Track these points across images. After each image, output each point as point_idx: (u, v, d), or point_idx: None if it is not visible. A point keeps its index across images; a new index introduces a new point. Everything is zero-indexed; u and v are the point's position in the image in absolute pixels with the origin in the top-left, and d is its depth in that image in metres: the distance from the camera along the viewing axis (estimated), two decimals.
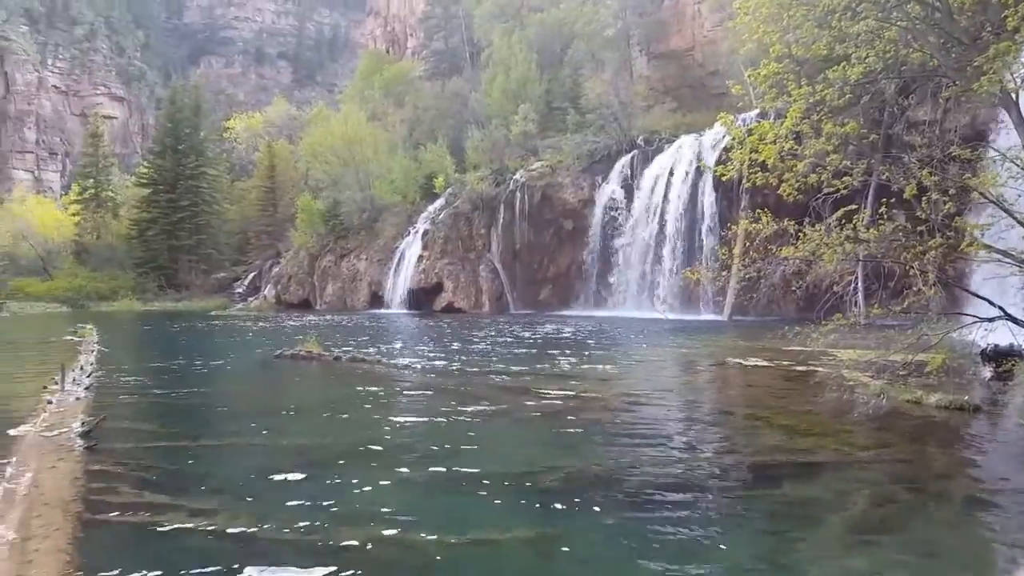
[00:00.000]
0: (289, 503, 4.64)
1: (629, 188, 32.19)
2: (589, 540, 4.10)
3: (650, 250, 30.06)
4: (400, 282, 36.18)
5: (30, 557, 3.55)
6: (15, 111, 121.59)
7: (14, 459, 5.65)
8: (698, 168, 28.56)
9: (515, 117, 40.02)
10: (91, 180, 57.98)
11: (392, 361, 13.02)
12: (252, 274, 49.70)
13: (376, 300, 37.47)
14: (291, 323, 26.60)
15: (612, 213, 32.19)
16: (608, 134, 35.56)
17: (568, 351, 14.89)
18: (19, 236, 52.54)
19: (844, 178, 8.27)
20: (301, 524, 4.20)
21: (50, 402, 8.22)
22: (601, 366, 12.22)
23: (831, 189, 8.37)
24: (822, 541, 4.16)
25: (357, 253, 39.73)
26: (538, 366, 12.40)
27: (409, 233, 37.52)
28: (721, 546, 3.98)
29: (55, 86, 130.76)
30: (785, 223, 8.18)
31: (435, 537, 4.04)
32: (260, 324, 26.79)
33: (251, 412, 8.85)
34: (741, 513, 4.59)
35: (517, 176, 35.59)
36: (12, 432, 6.80)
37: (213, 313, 36.26)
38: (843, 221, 8.01)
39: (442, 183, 37.83)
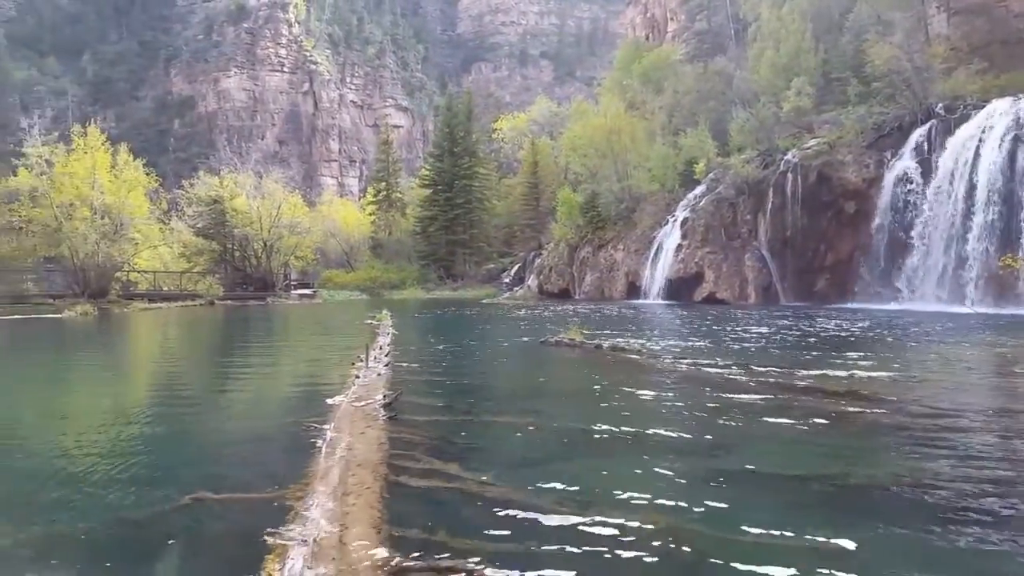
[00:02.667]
0: (559, 483, 4.80)
1: (926, 163, 28.23)
2: (881, 552, 3.67)
3: (954, 234, 26.09)
4: (658, 272, 35.82)
5: (348, 509, 4.07)
6: (322, 125, 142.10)
7: (332, 424, 6.54)
8: (1016, 137, 24.21)
9: (786, 93, 37.38)
10: (383, 183, 65.71)
11: (652, 351, 12.91)
12: (517, 265, 52.66)
13: (633, 290, 37.53)
14: (552, 312, 27.68)
15: (904, 193, 28.52)
16: (899, 104, 31.63)
17: (851, 348, 13.53)
18: (328, 234, 61.27)
19: None
20: (571, 503, 4.33)
21: (357, 377, 9.38)
22: (894, 366, 10.91)
23: None
24: None
25: (614, 243, 40.11)
26: (815, 363, 11.42)
27: (667, 222, 36.96)
28: None
29: (352, 101, 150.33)
30: None
31: (702, 532, 3.90)
32: (524, 312, 28.26)
33: (521, 394, 9.38)
34: None
35: (788, 156, 33.20)
36: (329, 401, 7.93)
37: (484, 301, 39.06)
38: None
39: (703, 168, 36.65)
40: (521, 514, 4.19)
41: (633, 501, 4.43)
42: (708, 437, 6.27)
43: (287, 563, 3.30)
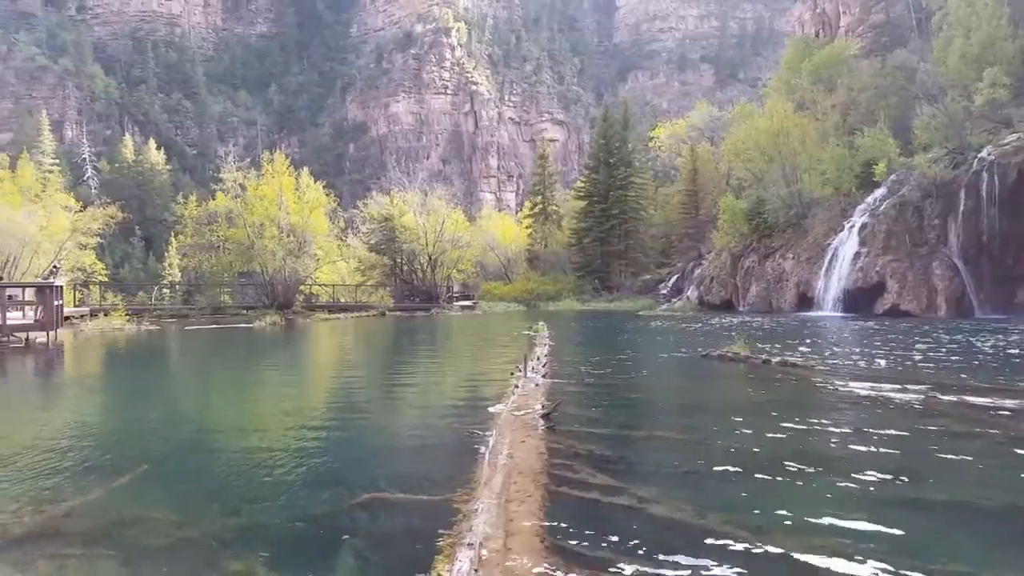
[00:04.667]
0: (725, 501, 4.60)
1: None
2: None
3: None
4: (832, 282, 33.43)
5: (511, 516, 4.15)
6: (482, 143, 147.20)
7: (493, 432, 6.71)
8: None
9: (978, 85, 33.68)
10: (539, 197, 66.74)
11: (827, 367, 12.06)
12: (675, 276, 51.36)
13: (804, 301, 35.27)
14: (714, 324, 26.70)
15: None
16: None
17: None
18: (487, 248, 63.12)
19: None
20: (741, 524, 4.13)
21: (516, 386, 9.57)
22: None
23: None
24: None
25: (783, 252, 37.97)
26: (1020, 384, 10.15)
27: (843, 228, 34.42)
28: None
29: (510, 118, 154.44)
30: None
31: (893, 564, 3.57)
32: (684, 324, 27.49)
33: (682, 409, 9.12)
34: None
35: (983, 154, 29.83)
36: (490, 409, 8.16)
37: (641, 313, 38.43)
38: None
39: (883, 170, 33.82)
40: (686, 533, 4.07)
41: (810, 527, 4.16)
42: (891, 462, 5.74)
43: (455, 564, 3.42)
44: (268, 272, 40.08)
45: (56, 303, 21.14)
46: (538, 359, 12.84)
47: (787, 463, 5.69)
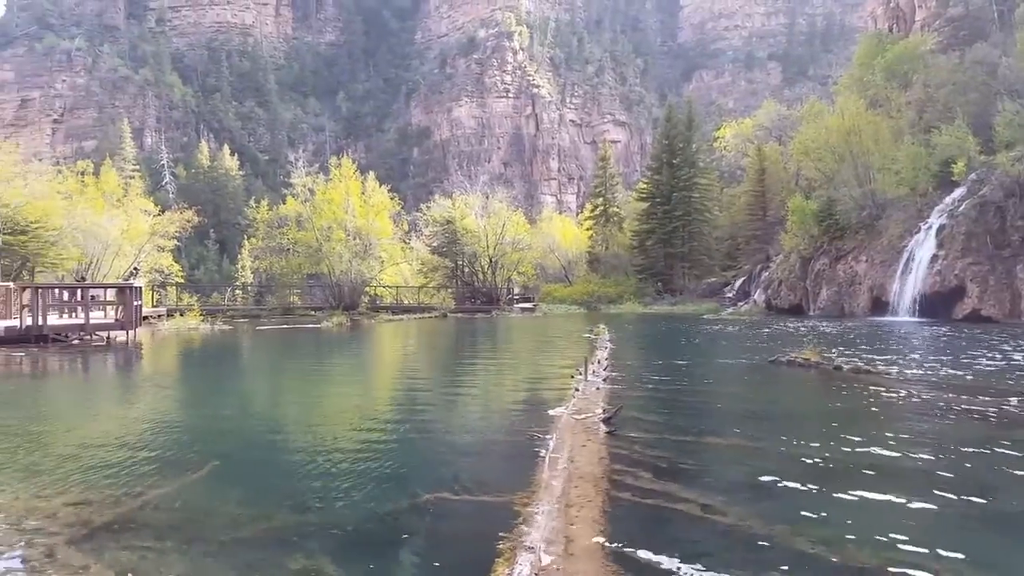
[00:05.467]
0: (793, 512, 4.45)
1: None
2: None
3: None
4: (908, 286, 32.07)
5: (572, 521, 4.11)
6: (543, 146, 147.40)
7: (554, 436, 6.68)
8: None
9: None
10: (600, 198, 66.20)
11: (902, 375, 11.55)
12: (742, 279, 50.20)
13: (878, 306, 33.93)
14: (782, 328, 25.96)
15: None
16: None
17: None
18: (547, 250, 63.01)
19: None
20: (809, 535, 3.99)
21: (576, 390, 9.51)
22: None
23: None
24: None
25: (855, 254, 36.63)
26: None
27: (919, 229, 32.98)
28: None
29: (571, 120, 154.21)
30: None
31: None
32: (750, 329, 26.82)
33: (748, 415, 8.88)
34: None
35: None
36: (550, 412, 8.13)
37: (705, 316, 37.70)
38: None
39: (962, 169, 32.27)
40: (751, 544, 3.96)
41: (881, 541, 3.98)
42: (968, 476, 5.46)
43: (515, 568, 3.41)
44: (335, 274, 41.10)
45: (135, 303, 22.13)
46: (598, 362, 12.73)
47: (858, 474, 5.47)
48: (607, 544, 3.83)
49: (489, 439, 7.36)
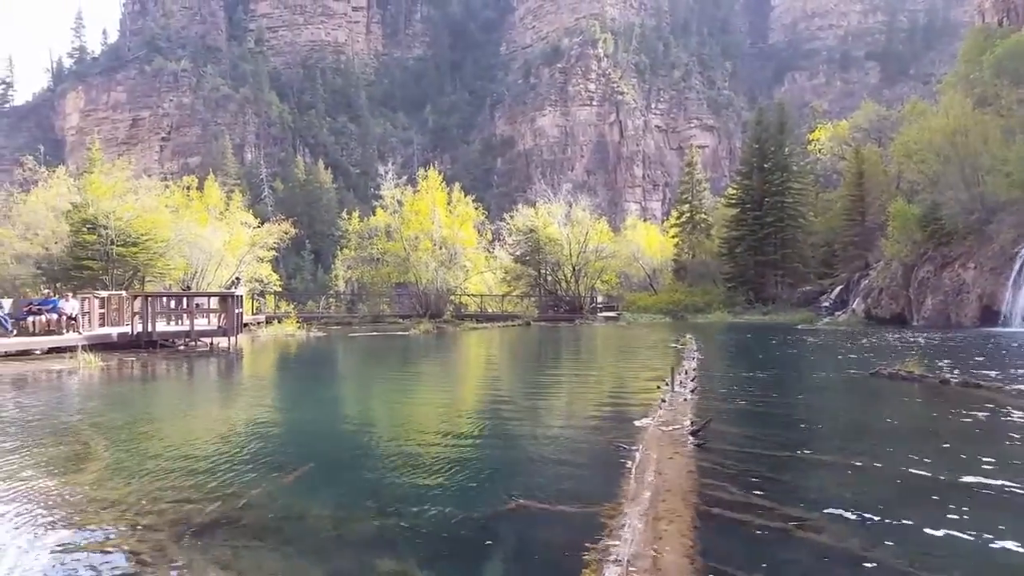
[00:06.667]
0: (895, 533, 4.21)
1: None
2: None
3: None
4: (1022, 294, 29.92)
5: (660, 535, 4.02)
6: (627, 153, 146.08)
7: (640, 447, 6.57)
8: None
9: None
10: (687, 205, 64.92)
11: (1017, 390, 10.74)
12: (839, 287, 48.04)
13: (988, 316, 31.75)
14: (883, 339, 24.67)
15: None
16: None
17: None
18: (631, 258, 62.30)
19: None
20: (912, 559, 3.77)
21: (663, 400, 9.33)
22: None
23: None
24: None
25: (963, 261, 34.44)
26: None
27: None
28: None
29: (657, 126, 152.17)
30: None
31: None
32: (848, 340, 25.61)
33: (847, 430, 8.48)
34: None
35: None
36: (636, 423, 8.00)
37: (799, 326, 36.30)
38: None
39: None
40: (850, 565, 3.77)
41: (993, 569, 3.71)
42: None
43: None
44: (421, 283, 42.01)
45: (237, 311, 23.26)
46: (686, 373, 12.45)
47: (968, 496, 5.11)
48: (697, 559, 3.72)
49: (574, 448, 7.31)
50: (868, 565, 3.74)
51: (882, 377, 12.40)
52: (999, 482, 5.46)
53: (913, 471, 5.93)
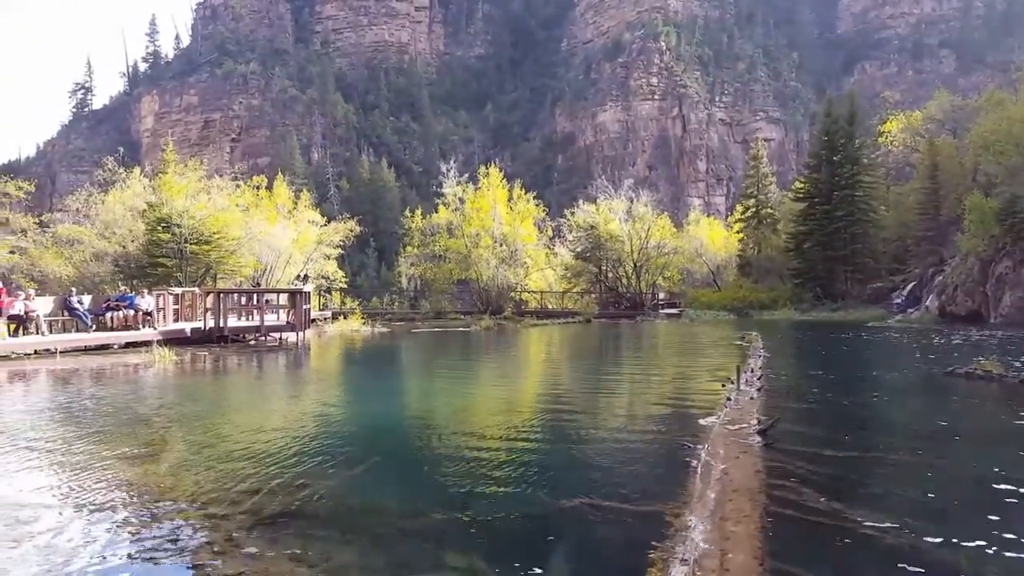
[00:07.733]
0: (971, 537, 4.10)
1: None
2: None
3: None
4: None
5: (727, 535, 4.02)
6: (690, 147, 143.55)
7: (705, 446, 6.53)
8: None
9: None
10: (752, 200, 63.39)
11: None
12: (912, 283, 46.17)
13: None
14: (959, 337, 23.65)
15: None
16: None
17: None
18: (694, 254, 61.28)
19: None
20: (990, 564, 3.65)
21: (729, 399, 9.22)
22: None
23: None
24: None
25: None
26: None
27: None
28: None
29: (721, 119, 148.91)
30: None
31: None
32: (922, 338, 24.64)
33: (920, 431, 8.21)
34: None
35: None
36: (701, 422, 7.94)
37: (869, 324, 35.08)
38: None
39: None
40: (923, 569, 3.68)
41: None
42: None
43: None
44: (482, 279, 42.36)
45: (304, 307, 23.95)
46: (752, 371, 12.24)
47: None
48: (765, 560, 3.71)
49: (638, 446, 7.30)
50: (939, 569, 3.66)
51: (958, 376, 11.95)
52: None
53: (988, 474, 5.73)
